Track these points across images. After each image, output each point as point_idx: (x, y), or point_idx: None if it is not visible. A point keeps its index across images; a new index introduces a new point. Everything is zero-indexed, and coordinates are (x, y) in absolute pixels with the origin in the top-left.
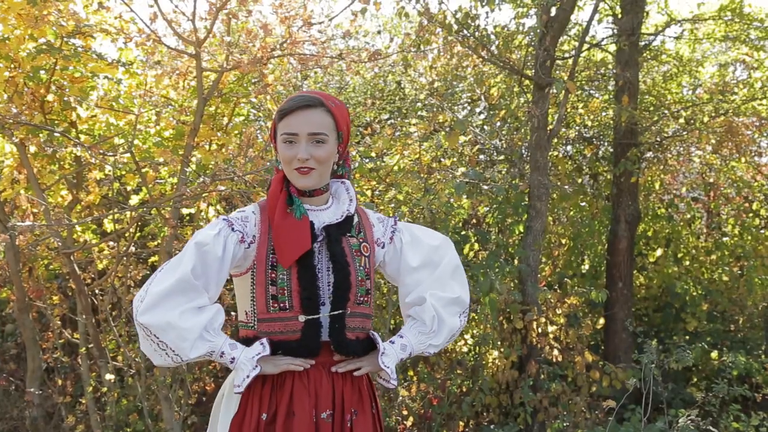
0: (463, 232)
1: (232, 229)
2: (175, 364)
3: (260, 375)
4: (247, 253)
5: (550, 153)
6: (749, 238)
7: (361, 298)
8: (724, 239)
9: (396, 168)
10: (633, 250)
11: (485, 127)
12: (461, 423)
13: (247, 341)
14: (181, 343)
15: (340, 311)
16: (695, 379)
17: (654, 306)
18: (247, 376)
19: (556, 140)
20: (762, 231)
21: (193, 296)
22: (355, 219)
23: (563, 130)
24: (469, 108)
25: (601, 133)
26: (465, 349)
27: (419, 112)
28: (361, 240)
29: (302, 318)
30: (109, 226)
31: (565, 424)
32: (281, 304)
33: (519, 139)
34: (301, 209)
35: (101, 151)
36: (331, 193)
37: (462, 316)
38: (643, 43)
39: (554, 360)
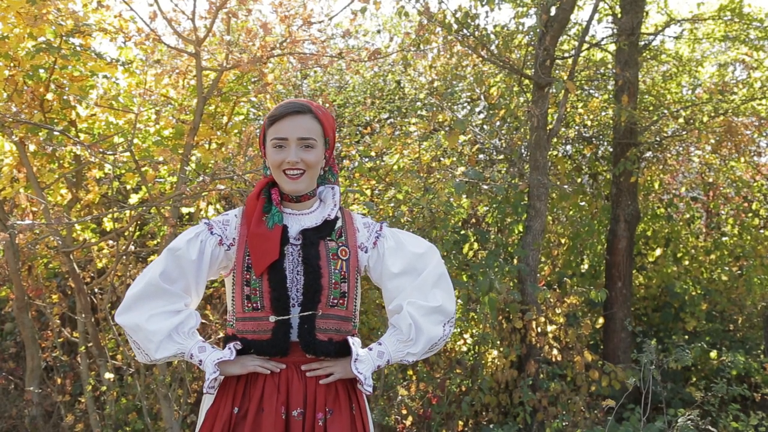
0: (462, 232)
1: (211, 232)
2: (150, 362)
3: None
4: (228, 255)
5: (549, 152)
6: (748, 237)
7: (335, 301)
8: (724, 239)
9: (395, 167)
10: (632, 249)
11: (485, 126)
12: (460, 422)
13: (227, 339)
14: (147, 344)
15: (310, 312)
16: (694, 379)
17: (653, 305)
18: (211, 379)
19: (555, 140)
20: (761, 231)
21: (169, 299)
22: (339, 223)
23: (563, 129)
24: (468, 107)
25: (601, 132)
26: (464, 349)
27: (419, 112)
28: (340, 244)
29: (272, 318)
30: (108, 224)
31: (564, 424)
32: (254, 304)
33: (518, 139)
34: (274, 218)
35: (101, 150)
36: (319, 198)
37: (447, 325)
38: (642, 43)
39: (553, 359)
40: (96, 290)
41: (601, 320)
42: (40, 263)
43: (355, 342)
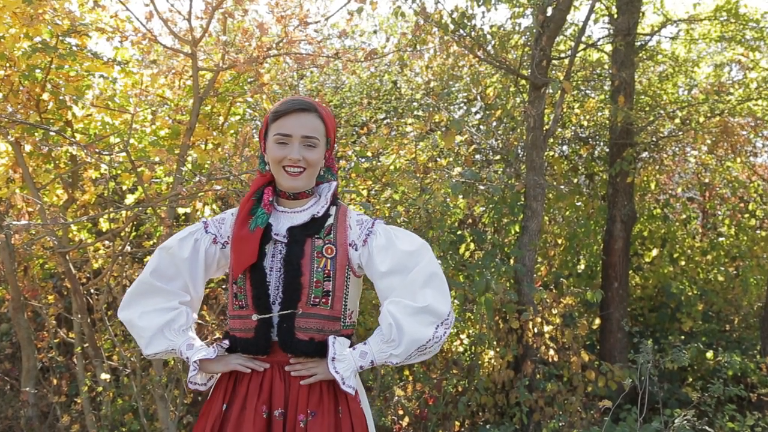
0: (459, 232)
1: (206, 230)
2: (147, 357)
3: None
4: (224, 253)
5: (546, 153)
6: (745, 238)
7: (317, 300)
8: (720, 239)
9: (392, 168)
10: (629, 250)
11: (481, 126)
12: (457, 423)
13: (225, 337)
14: (140, 340)
15: (290, 311)
16: (691, 379)
17: (649, 306)
18: (191, 375)
19: (552, 140)
20: (757, 231)
21: (164, 297)
22: (329, 221)
23: (559, 130)
24: (465, 108)
25: (597, 133)
26: (461, 349)
27: (415, 112)
28: (327, 242)
29: (255, 317)
30: (104, 225)
31: (560, 424)
32: (240, 303)
33: (515, 139)
34: (258, 221)
35: (97, 150)
36: (318, 196)
37: (440, 327)
38: (638, 43)
39: (550, 360)
40: (92, 291)
41: (597, 321)
42: (35, 264)
43: (337, 341)
